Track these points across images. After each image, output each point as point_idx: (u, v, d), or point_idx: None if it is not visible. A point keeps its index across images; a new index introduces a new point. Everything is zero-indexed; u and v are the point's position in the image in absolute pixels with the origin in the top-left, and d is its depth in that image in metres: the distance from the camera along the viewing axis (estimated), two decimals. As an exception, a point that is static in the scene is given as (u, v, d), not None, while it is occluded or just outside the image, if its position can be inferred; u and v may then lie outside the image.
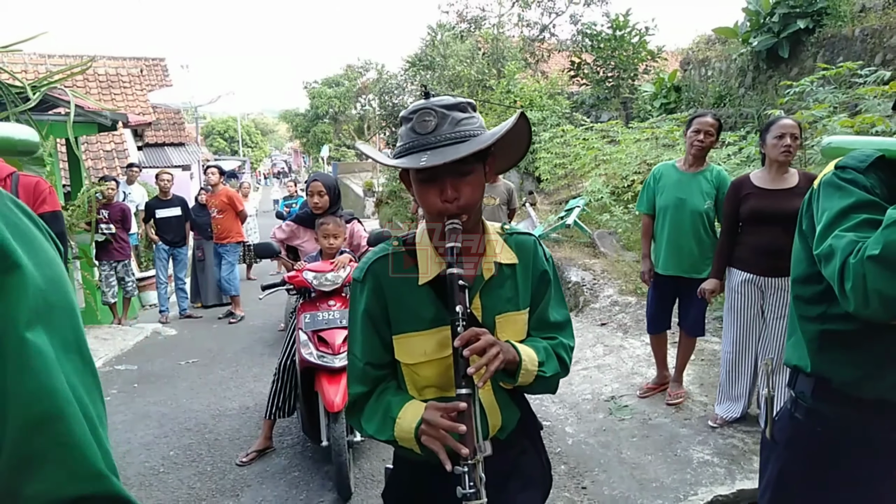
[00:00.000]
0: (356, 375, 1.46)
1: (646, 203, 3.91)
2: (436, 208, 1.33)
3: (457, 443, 1.22)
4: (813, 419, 1.52)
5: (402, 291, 1.41)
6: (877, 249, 1.16)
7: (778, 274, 3.31)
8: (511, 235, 1.51)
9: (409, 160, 1.29)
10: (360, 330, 1.45)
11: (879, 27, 7.41)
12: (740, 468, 3.20)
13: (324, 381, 3.25)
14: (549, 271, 1.53)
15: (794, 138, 3.15)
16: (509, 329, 1.45)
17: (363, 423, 1.45)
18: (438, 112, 1.30)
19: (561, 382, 1.54)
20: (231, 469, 3.63)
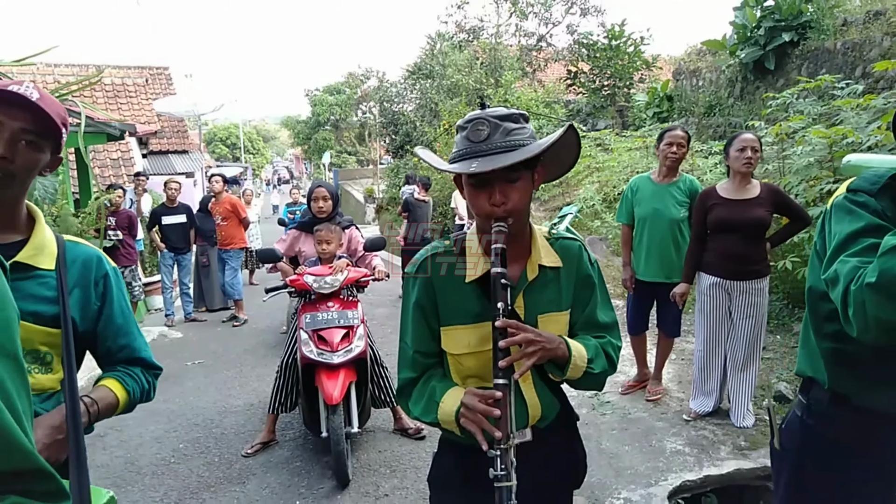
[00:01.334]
0: (406, 362, 1.56)
1: (625, 214, 4.18)
2: (484, 211, 1.40)
3: (490, 426, 1.31)
4: (827, 425, 1.54)
5: (450, 287, 1.50)
6: (874, 277, 1.17)
7: (743, 277, 3.58)
8: (557, 240, 1.57)
9: (461, 166, 1.38)
10: (410, 320, 1.55)
11: (860, 41, 7.69)
12: (708, 456, 3.46)
13: (323, 376, 3.51)
14: (594, 276, 1.59)
15: (754, 151, 3.42)
16: (551, 328, 1.50)
17: (411, 405, 1.55)
18: (491, 122, 1.38)
19: (617, 368, 1.61)
20: (237, 460, 3.89)
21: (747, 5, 9.05)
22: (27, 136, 1.35)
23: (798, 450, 1.60)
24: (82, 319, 1.50)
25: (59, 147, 1.46)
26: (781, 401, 3.93)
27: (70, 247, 1.52)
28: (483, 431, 1.32)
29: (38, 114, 1.35)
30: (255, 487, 3.54)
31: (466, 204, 1.55)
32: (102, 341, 1.55)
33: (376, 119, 25.27)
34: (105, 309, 1.55)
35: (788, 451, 1.63)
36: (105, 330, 1.55)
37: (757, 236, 3.57)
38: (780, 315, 5.29)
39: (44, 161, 1.42)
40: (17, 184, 1.39)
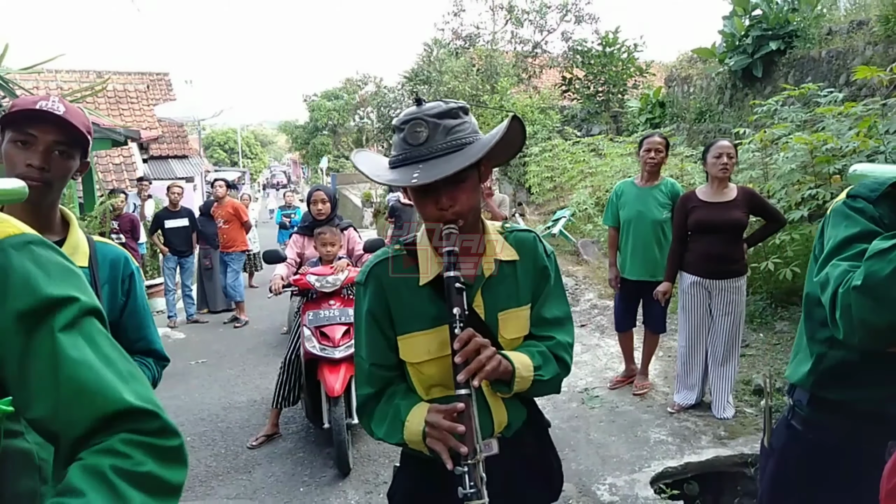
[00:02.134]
0: (364, 377, 1.48)
1: (611, 217, 4.39)
2: (433, 217, 1.35)
3: (457, 442, 1.24)
4: (808, 427, 1.58)
5: (403, 292, 1.44)
6: (860, 280, 1.19)
7: (722, 276, 3.79)
8: (511, 233, 1.53)
9: (402, 174, 1.31)
10: (364, 332, 1.47)
11: (844, 49, 7.93)
12: (689, 445, 3.66)
13: (325, 370, 3.72)
14: (550, 267, 1.54)
15: (729, 157, 3.64)
16: (512, 325, 1.47)
17: (373, 426, 1.46)
18: (430, 122, 1.30)
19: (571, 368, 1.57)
20: (243, 451, 4.08)
21: (736, 14, 9.29)
22: (59, 147, 1.50)
23: (782, 449, 1.66)
24: (110, 312, 1.66)
25: (87, 153, 1.62)
26: (760, 394, 4.14)
27: (100, 247, 1.71)
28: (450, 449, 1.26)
29: (67, 126, 1.50)
30: (260, 476, 3.73)
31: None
32: (123, 332, 1.71)
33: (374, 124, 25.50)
34: (129, 304, 1.73)
35: (775, 450, 1.69)
36: (127, 322, 1.73)
37: (735, 237, 3.78)
38: (763, 314, 5.51)
39: (74, 167, 1.58)
40: (53, 191, 1.55)
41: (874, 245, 1.20)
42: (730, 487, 3.50)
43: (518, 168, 13.66)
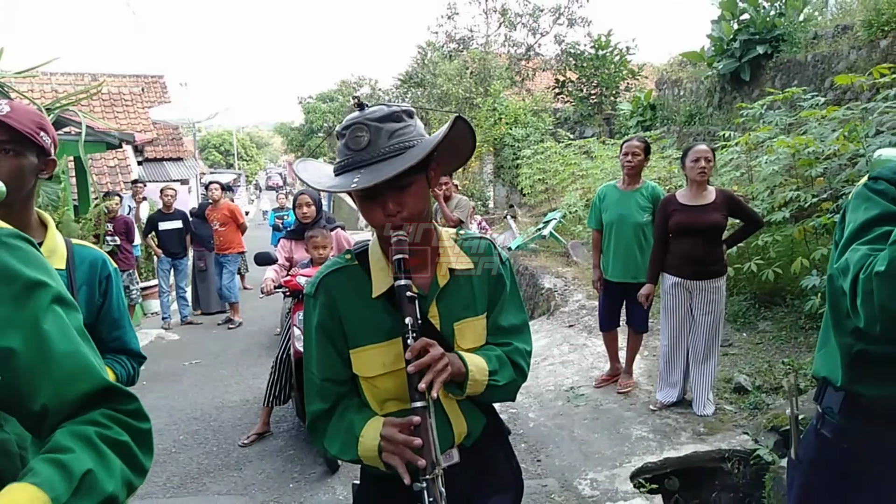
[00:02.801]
0: (315, 392, 1.43)
1: (594, 220, 4.50)
2: (380, 222, 1.32)
3: (414, 456, 1.21)
4: (840, 436, 1.48)
5: (355, 305, 1.39)
6: (883, 265, 1.13)
7: (702, 277, 3.89)
8: (465, 240, 1.49)
9: (343, 180, 1.27)
10: (315, 345, 1.42)
11: (828, 54, 8.05)
12: (669, 441, 3.76)
13: None
14: (505, 275, 1.50)
15: (707, 161, 3.74)
16: (469, 335, 1.43)
17: (325, 443, 1.42)
18: (371, 126, 1.27)
19: (528, 375, 1.54)
20: (234, 449, 4.16)
21: (724, 19, 9.41)
22: (5, 146, 1.51)
23: (812, 461, 1.56)
24: (87, 313, 1.70)
25: (46, 151, 1.60)
26: (740, 392, 4.24)
27: (77, 249, 1.77)
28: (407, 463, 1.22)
29: (7, 127, 1.50)
30: (251, 473, 3.82)
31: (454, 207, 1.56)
32: (98, 332, 1.76)
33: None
34: (105, 305, 1.78)
35: (803, 461, 1.59)
36: (102, 322, 1.79)
37: (714, 239, 3.88)
38: (747, 314, 5.61)
39: (30, 165, 1.56)
40: (12, 189, 1.52)
41: None
42: (708, 482, 3.59)
43: (511, 170, 13.78)
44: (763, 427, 3.64)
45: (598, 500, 3.26)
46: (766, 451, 3.38)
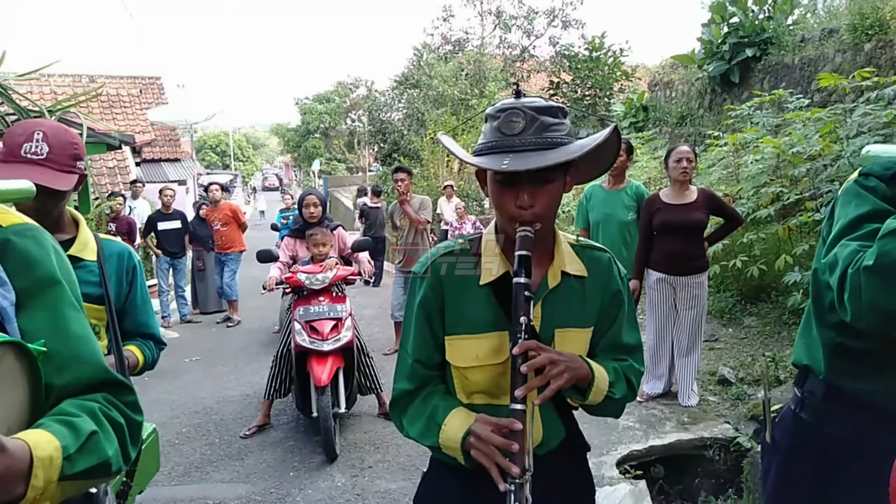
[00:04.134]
0: (404, 371, 1.42)
1: (582, 219, 4.67)
2: (509, 213, 1.28)
3: (507, 461, 1.18)
4: (820, 421, 1.49)
5: (460, 290, 1.37)
6: (871, 260, 1.13)
7: (685, 273, 4.05)
8: (584, 248, 1.44)
9: (491, 160, 1.24)
10: (413, 325, 1.41)
11: (815, 56, 8.23)
12: (654, 430, 3.92)
13: (314, 362, 3.95)
14: (623, 291, 1.44)
15: (688, 161, 3.91)
16: (569, 346, 1.36)
17: (405, 423, 1.40)
18: (528, 114, 1.23)
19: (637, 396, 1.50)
20: (236, 440, 4.30)
21: (714, 22, 9.59)
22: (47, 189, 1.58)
23: (790, 444, 1.56)
24: (115, 300, 1.92)
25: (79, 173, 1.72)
26: (724, 384, 4.41)
27: (106, 243, 1.95)
28: (498, 466, 1.18)
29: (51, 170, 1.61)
30: (252, 462, 3.96)
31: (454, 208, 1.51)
32: (128, 317, 1.97)
33: (365, 127, 25.75)
34: (131, 293, 1.98)
35: (779, 445, 1.59)
36: (129, 309, 1.97)
37: (696, 236, 4.04)
38: (732, 310, 5.78)
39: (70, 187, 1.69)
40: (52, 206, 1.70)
41: (888, 224, 1.15)
42: (691, 469, 3.75)
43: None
44: (744, 416, 3.80)
45: (585, 486, 3.41)
46: (746, 439, 3.54)
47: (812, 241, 5.29)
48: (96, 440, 0.88)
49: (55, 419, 0.86)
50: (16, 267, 0.97)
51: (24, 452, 0.76)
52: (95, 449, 0.88)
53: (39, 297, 0.98)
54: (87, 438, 0.86)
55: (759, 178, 6.17)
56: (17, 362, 0.82)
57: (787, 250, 5.33)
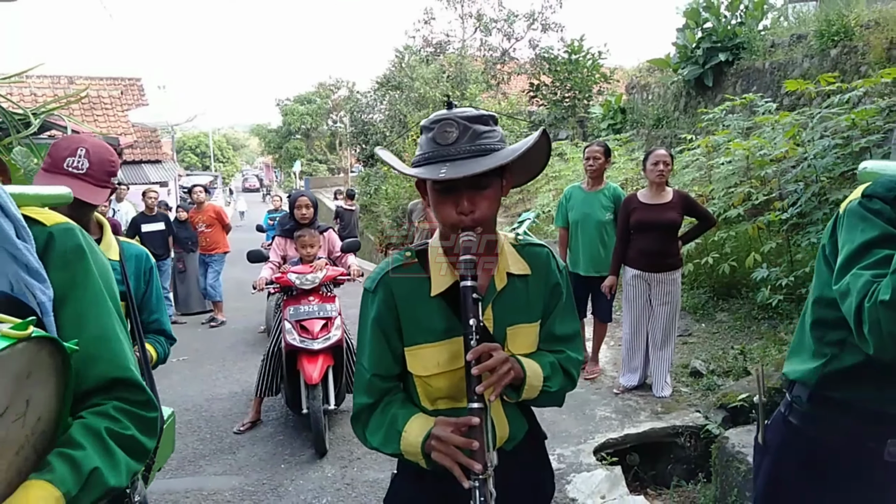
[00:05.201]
0: (363, 386, 1.45)
1: (561, 219, 4.86)
2: (451, 220, 1.33)
3: (468, 459, 1.22)
4: (807, 423, 1.52)
5: (413, 302, 1.40)
6: (887, 295, 1.13)
7: (660, 269, 4.25)
8: (524, 247, 1.50)
9: (428, 170, 1.29)
10: (369, 340, 1.44)
11: (784, 61, 8.53)
12: (630, 420, 4.11)
13: (304, 360, 4.08)
14: (562, 283, 1.51)
15: (665, 164, 4.11)
16: (520, 341, 1.44)
17: (367, 435, 1.44)
18: (460, 124, 1.29)
19: (577, 384, 1.58)
20: (227, 436, 4.42)
21: (688, 27, 9.87)
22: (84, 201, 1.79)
23: (779, 446, 1.60)
24: (135, 298, 2.09)
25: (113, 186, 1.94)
26: (696, 375, 4.62)
27: (125, 245, 2.16)
28: (460, 464, 1.24)
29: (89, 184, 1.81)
30: (244, 456, 4.09)
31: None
32: (141, 314, 2.14)
33: (347, 128, 25.80)
34: (147, 292, 2.18)
35: (770, 446, 1.63)
36: (145, 306, 2.16)
37: (670, 235, 4.25)
38: (705, 306, 6.01)
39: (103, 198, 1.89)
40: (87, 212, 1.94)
41: None
42: (664, 455, 3.95)
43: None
44: (713, 405, 4.00)
45: (565, 472, 3.59)
46: (715, 426, 3.74)
47: (779, 240, 5.55)
48: (98, 475, 0.95)
49: (60, 457, 0.93)
50: (55, 263, 1.06)
51: None
52: (97, 483, 0.95)
53: (70, 295, 1.06)
54: (89, 476, 0.94)
55: (729, 179, 6.42)
56: (51, 358, 0.91)
57: (756, 248, 5.58)
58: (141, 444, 1.06)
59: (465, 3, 18.47)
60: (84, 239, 1.12)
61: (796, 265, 5.26)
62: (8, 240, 0.98)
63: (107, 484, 0.98)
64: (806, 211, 5.44)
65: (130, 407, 1.06)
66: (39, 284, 1.01)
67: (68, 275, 1.07)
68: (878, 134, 5.26)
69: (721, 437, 3.32)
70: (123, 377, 1.06)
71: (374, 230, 16.60)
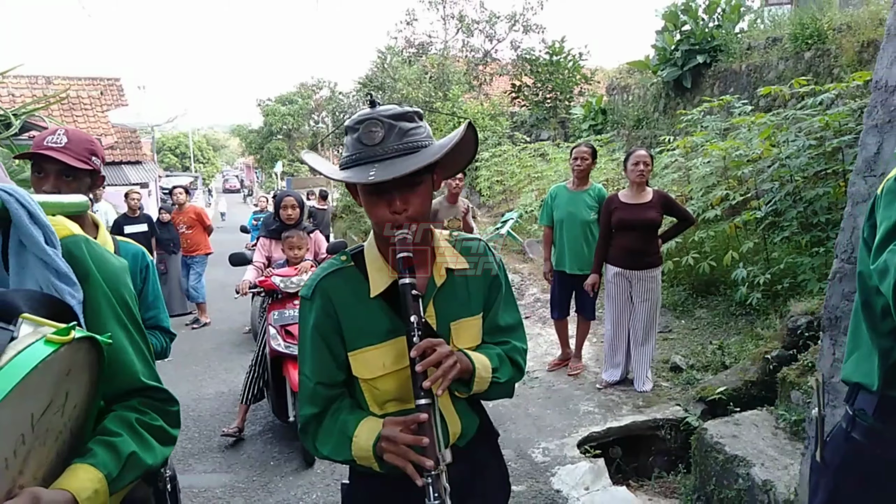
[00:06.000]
0: (307, 396, 1.42)
1: (546, 217, 4.95)
2: (385, 220, 1.32)
3: (419, 456, 1.22)
4: (872, 440, 1.40)
5: (353, 306, 1.39)
6: None
7: (640, 267, 4.37)
8: (461, 241, 1.51)
9: (357, 173, 1.27)
10: (309, 349, 1.42)
11: (760, 64, 8.72)
12: (612, 414, 4.22)
13: (290, 366, 3.97)
14: (500, 275, 1.52)
15: (645, 164, 4.23)
16: (464, 335, 1.45)
17: (317, 445, 1.41)
18: (385, 123, 1.28)
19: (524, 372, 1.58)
20: (215, 435, 4.45)
21: (667, 30, 10.04)
22: (65, 174, 1.87)
23: (841, 466, 1.48)
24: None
25: (97, 171, 1.96)
26: (676, 370, 4.74)
27: (122, 245, 2.19)
28: (412, 463, 1.23)
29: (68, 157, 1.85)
30: (233, 454, 4.14)
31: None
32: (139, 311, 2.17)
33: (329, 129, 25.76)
34: (144, 289, 2.22)
35: (829, 465, 1.52)
36: (141, 304, 2.17)
37: (650, 233, 4.36)
38: (685, 303, 6.15)
39: (84, 185, 1.93)
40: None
41: None
42: (645, 448, 4.06)
43: (470, 172, 14.22)
44: (693, 398, 4.12)
45: (549, 465, 3.69)
46: (694, 419, 3.86)
47: (756, 239, 5.71)
48: (135, 459, 1.08)
49: (100, 443, 1.05)
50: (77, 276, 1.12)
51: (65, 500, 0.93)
52: (135, 465, 1.08)
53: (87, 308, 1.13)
54: (127, 459, 1.06)
55: (707, 179, 6.57)
56: (88, 354, 0.99)
57: (734, 247, 5.72)
58: (168, 432, 1.20)
59: (447, 5, 18.56)
60: (89, 252, 1.18)
61: (772, 262, 5.41)
62: (38, 246, 1.05)
63: (144, 465, 1.10)
64: (781, 210, 5.60)
65: (153, 402, 1.19)
66: (69, 288, 1.07)
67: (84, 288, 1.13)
68: (850, 135, 5.42)
69: (700, 429, 3.42)
70: (138, 387, 1.17)
71: (357, 230, 16.61)
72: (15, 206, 1.06)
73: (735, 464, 3.07)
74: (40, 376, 0.83)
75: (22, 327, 0.85)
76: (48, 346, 0.84)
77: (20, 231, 1.05)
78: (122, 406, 1.14)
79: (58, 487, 0.94)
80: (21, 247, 1.05)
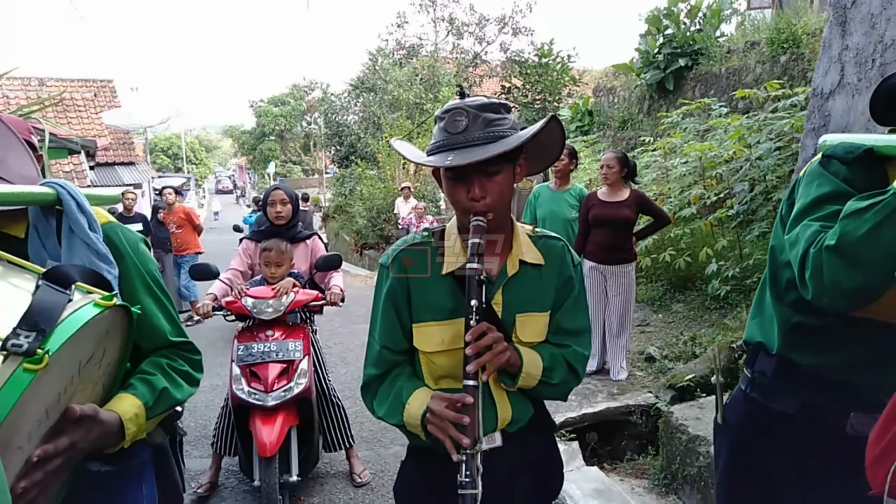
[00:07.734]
0: (372, 358, 1.51)
1: (530, 216, 5.20)
2: (462, 205, 1.38)
3: (458, 433, 1.27)
4: (770, 398, 1.50)
5: (424, 281, 1.45)
6: (833, 240, 1.16)
7: (614, 262, 4.61)
8: (541, 238, 1.53)
9: (438, 158, 1.33)
10: (381, 314, 1.50)
11: (739, 67, 8.99)
12: (587, 401, 4.45)
13: (257, 420, 2.99)
14: (575, 278, 1.54)
15: (609, 167, 4.49)
16: (529, 329, 1.47)
17: (375, 404, 1.50)
18: (470, 112, 1.33)
19: (582, 379, 1.59)
20: (209, 423, 4.63)
21: (650, 34, 10.31)
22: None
23: (741, 424, 1.59)
24: None
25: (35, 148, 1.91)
26: (650, 360, 4.99)
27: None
28: (451, 438, 1.29)
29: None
30: (227, 441, 4.32)
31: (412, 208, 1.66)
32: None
33: (321, 130, 25.94)
34: None
35: (731, 426, 1.62)
36: None
37: (624, 231, 4.60)
38: (663, 298, 6.40)
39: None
40: None
41: (850, 205, 1.17)
42: (618, 433, 4.29)
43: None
44: (664, 386, 4.36)
45: (527, 448, 3.91)
46: (664, 404, 4.09)
47: (730, 237, 5.96)
48: (167, 392, 1.32)
49: (139, 379, 1.29)
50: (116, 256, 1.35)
51: (114, 418, 1.18)
52: (166, 398, 1.32)
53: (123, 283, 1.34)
54: (160, 393, 1.30)
55: (685, 179, 6.82)
56: (123, 320, 1.19)
57: (710, 244, 5.97)
58: (192, 375, 1.44)
59: (438, 7, 18.82)
60: (124, 236, 1.40)
61: (744, 258, 5.66)
62: (83, 231, 1.27)
63: (174, 398, 1.35)
64: (753, 208, 5.86)
65: (180, 351, 1.43)
66: (107, 266, 1.29)
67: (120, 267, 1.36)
68: (817, 136, 5.69)
69: (667, 413, 3.65)
70: (166, 343, 1.41)
71: (349, 231, 16.80)
72: (67, 198, 1.27)
73: (697, 443, 3.30)
74: (89, 331, 1.04)
75: (75, 293, 1.06)
76: (96, 308, 1.05)
77: (70, 218, 1.26)
78: (156, 354, 1.38)
79: (107, 409, 1.19)
80: (70, 231, 1.26)
